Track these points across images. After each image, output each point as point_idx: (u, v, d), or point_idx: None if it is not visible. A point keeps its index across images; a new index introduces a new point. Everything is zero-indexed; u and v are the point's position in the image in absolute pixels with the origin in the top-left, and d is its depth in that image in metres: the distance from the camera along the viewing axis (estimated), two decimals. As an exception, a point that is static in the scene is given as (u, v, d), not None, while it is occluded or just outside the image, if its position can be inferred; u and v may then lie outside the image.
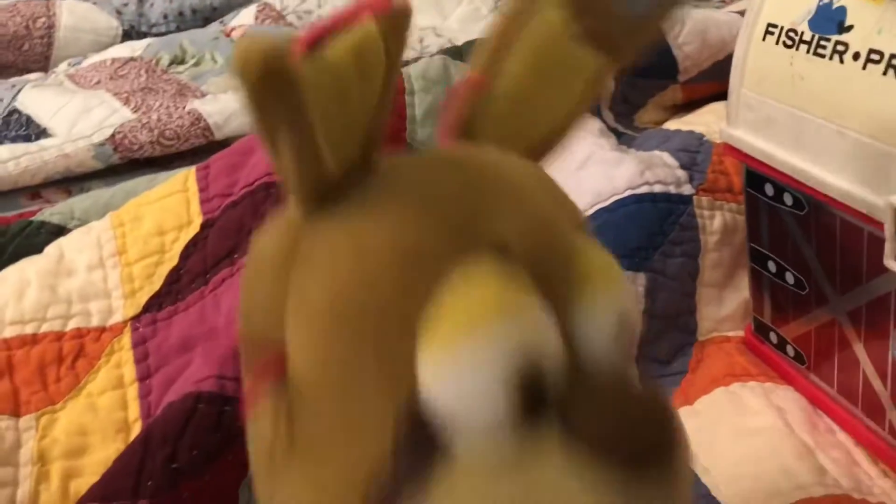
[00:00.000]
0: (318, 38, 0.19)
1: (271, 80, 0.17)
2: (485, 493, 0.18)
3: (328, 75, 0.19)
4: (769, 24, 0.39)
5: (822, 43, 0.36)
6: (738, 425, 0.44)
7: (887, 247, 0.34)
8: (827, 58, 0.36)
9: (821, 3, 0.37)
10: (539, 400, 0.18)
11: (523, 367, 0.18)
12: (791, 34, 0.38)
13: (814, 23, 0.37)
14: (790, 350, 0.46)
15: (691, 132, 0.55)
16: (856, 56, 0.34)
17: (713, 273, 0.51)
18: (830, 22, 0.36)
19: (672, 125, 0.60)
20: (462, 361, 0.17)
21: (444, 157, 0.24)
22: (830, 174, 0.37)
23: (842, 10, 0.36)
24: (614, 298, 0.21)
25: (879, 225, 0.34)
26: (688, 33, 0.66)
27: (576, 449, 0.18)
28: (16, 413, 0.42)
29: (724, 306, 0.51)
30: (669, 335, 0.49)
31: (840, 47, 0.35)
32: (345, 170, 0.21)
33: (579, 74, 0.25)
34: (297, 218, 0.21)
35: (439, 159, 0.24)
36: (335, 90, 0.19)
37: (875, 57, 0.34)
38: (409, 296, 0.19)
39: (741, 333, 0.50)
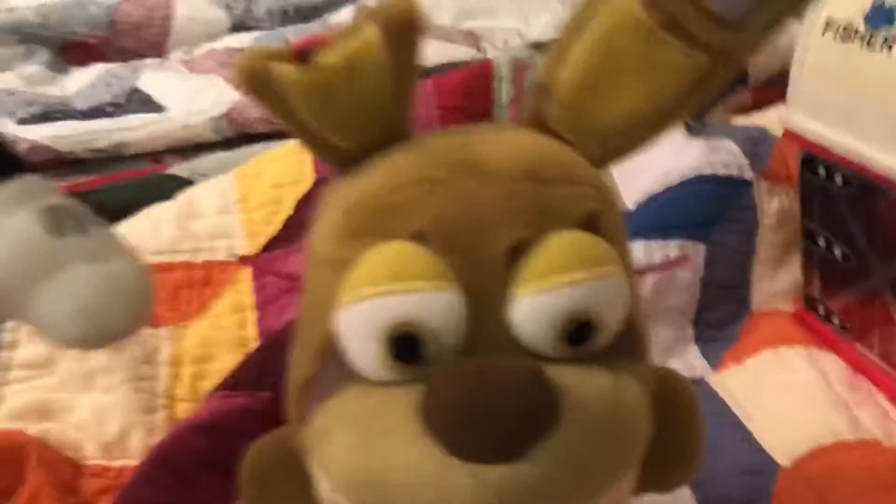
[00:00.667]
0: (310, 49, 0.24)
1: (256, 85, 0.24)
2: (351, 408, 0.23)
3: (317, 78, 0.24)
4: (827, 21, 0.44)
5: (874, 36, 0.41)
6: (782, 381, 0.48)
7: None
8: (877, 50, 0.41)
9: (875, 3, 0.42)
10: (415, 358, 0.22)
11: (396, 329, 0.22)
12: (847, 29, 0.43)
13: (869, 18, 0.42)
14: (836, 320, 0.50)
15: (755, 126, 0.59)
16: (902, 47, 0.39)
17: (769, 251, 0.55)
18: (883, 17, 0.41)
19: (738, 121, 0.65)
20: (348, 314, 0.23)
21: (449, 139, 0.26)
22: (877, 152, 0.42)
23: (892, 9, 0.41)
24: (553, 298, 0.22)
25: (917, 196, 0.39)
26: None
27: (420, 412, 0.22)
28: (155, 325, 0.50)
29: (777, 283, 0.55)
30: (725, 304, 0.54)
31: (890, 41, 0.40)
32: (364, 147, 0.25)
33: (666, 69, 0.24)
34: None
35: (444, 141, 0.26)
36: (324, 90, 0.24)
37: (919, 48, 0.39)
38: (343, 253, 0.24)
39: (791, 309, 0.54)
